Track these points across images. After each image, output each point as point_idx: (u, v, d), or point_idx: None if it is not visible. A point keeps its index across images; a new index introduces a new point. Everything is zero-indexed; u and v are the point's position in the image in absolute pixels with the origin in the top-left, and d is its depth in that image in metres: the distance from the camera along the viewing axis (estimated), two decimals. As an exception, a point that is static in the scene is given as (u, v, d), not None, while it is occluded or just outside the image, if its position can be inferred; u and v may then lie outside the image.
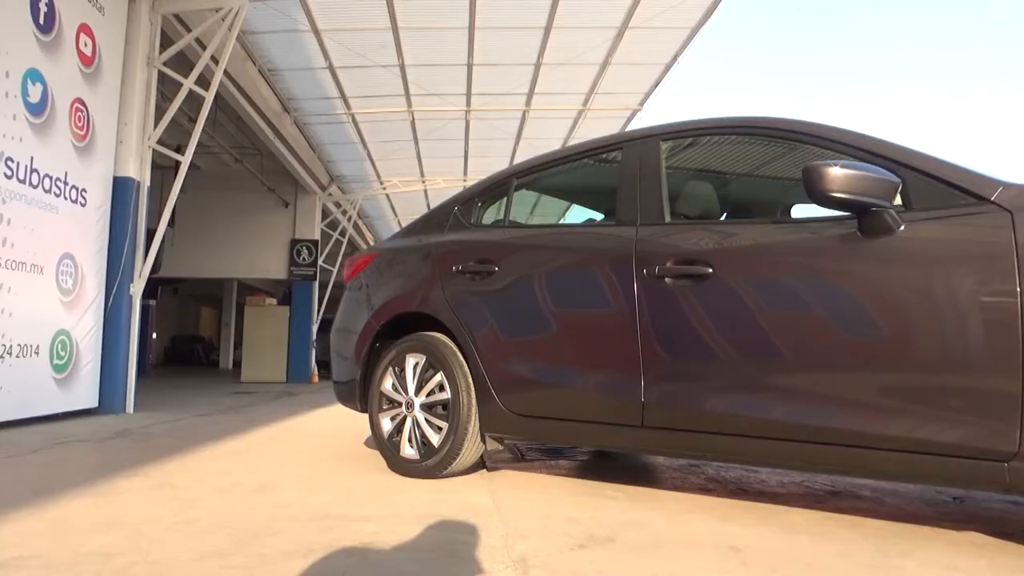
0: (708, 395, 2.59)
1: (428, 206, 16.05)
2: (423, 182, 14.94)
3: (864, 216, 2.33)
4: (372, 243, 20.44)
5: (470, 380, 3.22)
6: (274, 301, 15.64)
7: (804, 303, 2.43)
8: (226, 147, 12.72)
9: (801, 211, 3.41)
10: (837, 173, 2.25)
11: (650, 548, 2.18)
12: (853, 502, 2.94)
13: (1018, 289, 2.04)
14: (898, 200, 2.34)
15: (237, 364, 18.18)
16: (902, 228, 2.28)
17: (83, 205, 6.06)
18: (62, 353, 5.76)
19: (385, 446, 3.45)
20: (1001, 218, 2.12)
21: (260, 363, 13.96)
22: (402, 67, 9.58)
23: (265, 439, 4.85)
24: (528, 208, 4.26)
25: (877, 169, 2.30)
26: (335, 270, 15.55)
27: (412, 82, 10.08)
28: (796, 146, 2.81)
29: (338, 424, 5.86)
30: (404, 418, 3.38)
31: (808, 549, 2.20)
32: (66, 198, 5.81)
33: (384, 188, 15.38)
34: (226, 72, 8.25)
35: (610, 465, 3.87)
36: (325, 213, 15.68)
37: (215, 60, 7.38)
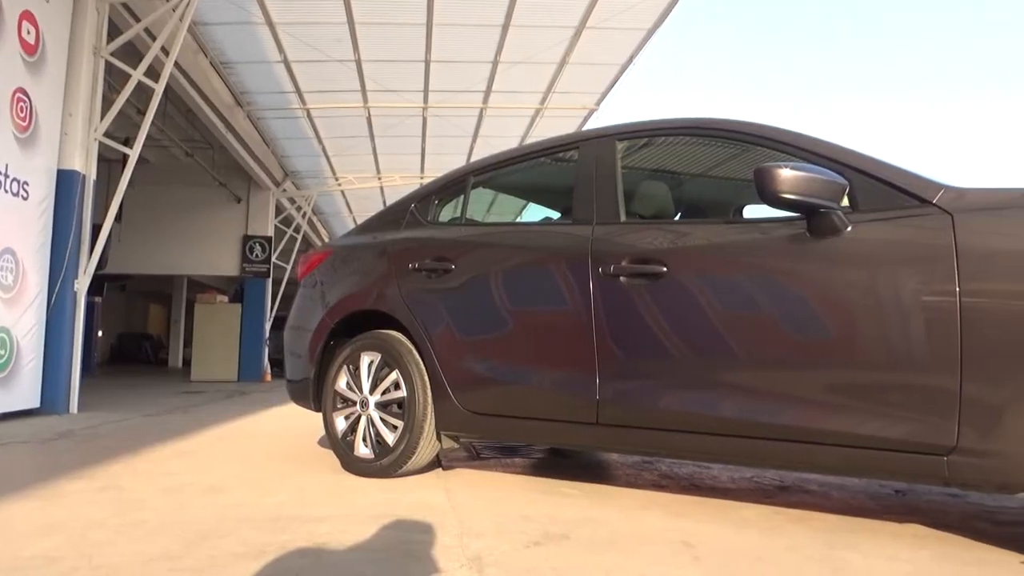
0: (662, 393, 2.63)
1: (384, 203, 15.89)
2: (379, 179, 14.81)
3: (813, 217, 2.39)
4: (327, 240, 20.21)
5: (426, 378, 3.20)
6: (225, 298, 15.30)
7: (755, 302, 2.48)
8: (176, 140, 12.41)
9: (753, 211, 3.47)
10: (787, 175, 2.29)
11: (604, 545, 2.20)
12: (801, 496, 3.01)
13: (957, 289, 2.11)
14: (845, 202, 2.40)
15: (187, 363, 17.76)
16: (849, 229, 2.34)
17: (25, 198, 5.85)
18: (1, 352, 5.55)
19: (339, 445, 3.41)
20: (942, 220, 2.19)
21: (211, 362, 13.66)
22: (358, 62, 9.48)
23: (215, 439, 4.76)
24: (485, 206, 4.26)
25: (825, 171, 2.35)
26: (289, 267, 15.30)
27: (369, 77, 9.99)
28: (748, 148, 2.86)
29: (291, 424, 5.77)
30: (359, 417, 3.35)
31: (758, 543, 2.24)
32: (6, 191, 5.60)
33: (339, 184, 15.20)
34: (177, 64, 8.03)
35: (565, 463, 3.89)
36: (279, 209, 15.42)
37: (165, 51, 7.20)
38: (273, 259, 14.78)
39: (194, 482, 3.14)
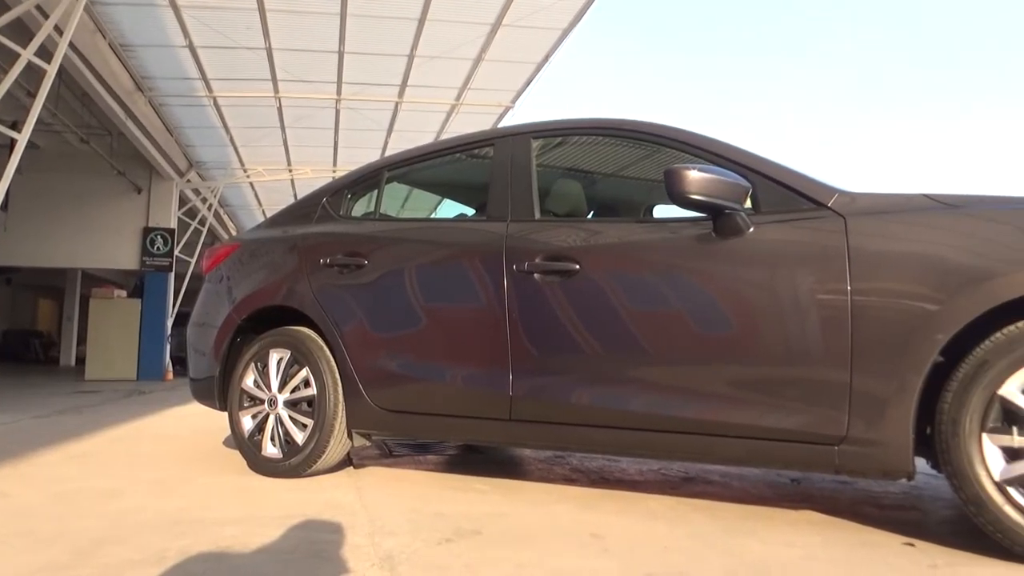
0: (573, 388, 2.67)
1: (295, 196, 15.49)
2: (290, 171, 14.42)
3: (718, 217, 2.48)
4: (234, 233, 19.55)
5: (337, 376, 3.15)
6: (124, 293, 14.56)
7: (663, 300, 2.55)
8: (71, 126, 11.70)
9: (663, 211, 3.57)
10: (695, 176, 2.37)
11: (516, 539, 2.22)
12: (704, 487, 3.12)
13: (849, 288, 2.24)
14: (749, 204, 2.50)
15: (81, 361, 16.81)
16: (751, 230, 2.44)
17: None
18: None
19: (245, 445, 3.31)
20: (836, 223, 2.32)
21: (107, 360, 12.97)
22: (269, 50, 9.20)
23: (112, 441, 4.53)
24: (399, 201, 4.21)
25: (730, 174, 2.45)
26: (193, 261, 14.70)
27: (280, 67, 9.71)
28: (659, 149, 2.94)
29: (194, 424, 5.56)
30: (267, 416, 3.26)
31: (664, 533, 2.31)
32: None
33: (248, 176, 14.71)
34: (72, 44, 7.57)
35: (478, 459, 3.91)
36: (183, 200, 14.78)
37: (59, 31, 6.78)
38: (176, 253, 14.16)
39: (88, 487, 2.99)
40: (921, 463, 2.27)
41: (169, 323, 14.14)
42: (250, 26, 8.55)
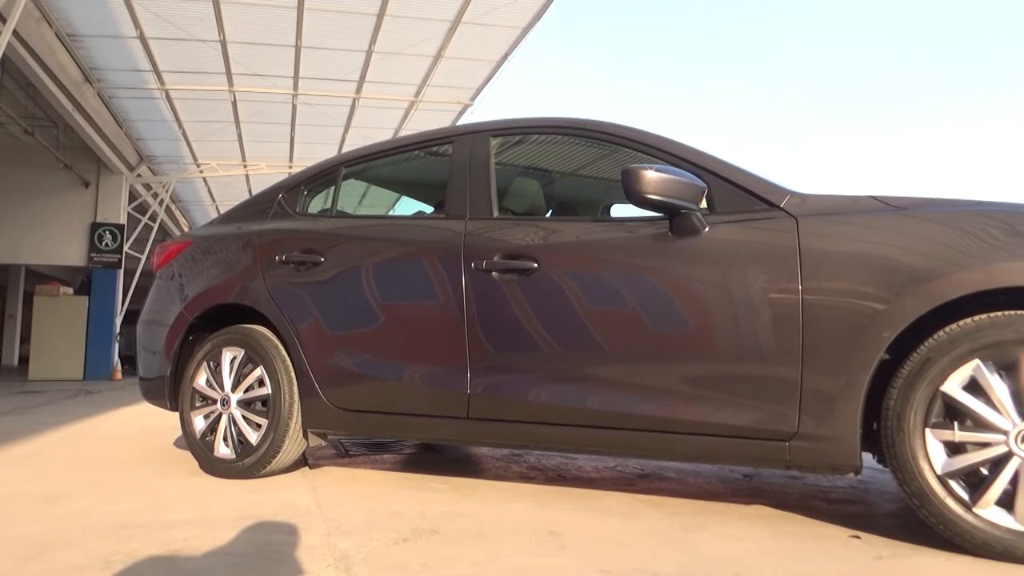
0: (531, 386, 2.68)
1: (250, 192, 15.22)
2: (245, 167, 14.16)
3: (675, 217, 2.51)
4: (187, 229, 19.14)
5: (292, 374, 3.10)
6: (70, 290, 14.15)
7: (620, 298, 2.57)
8: (15, 117, 11.30)
9: (620, 210, 3.61)
10: (652, 176, 2.40)
11: (473, 537, 2.22)
12: (659, 483, 3.17)
13: (800, 287, 2.29)
14: (705, 204, 2.54)
15: (25, 360, 16.26)
16: (707, 229, 2.48)
17: None
18: None
19: (197, 446, 3.24)
20: (788, 223, 2.37)
21: (52, 359, 12.58)
22: (223, 43, 9.02)
23: (57, 443, 4.39)
24: (357, 198, 4.17)
25: (687, 174, 2.48)
26: (143, 257, 14.33)
27: (234, 60, 9.53)
28: (617, 149, 2.96)
29: (144, 424, 5.43)
30: (219, 416, 3.20)
31: (620, 529, 2.34)
32: None
33: (201, 171, 14.41)
34: (16, 33, 7.31)
35: (436, 458, 3.89)
36: (133, 195, 14.40)
37: (2, 19, 6.55)
38: (125, 249, 13.79)
39: (31, 490, 2.89)
40: (868, 458, 2.33)
41: (118, 321, 13.78)
42: (203, 18, 8.37)
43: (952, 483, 2.06)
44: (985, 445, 2.03)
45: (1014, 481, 1.99)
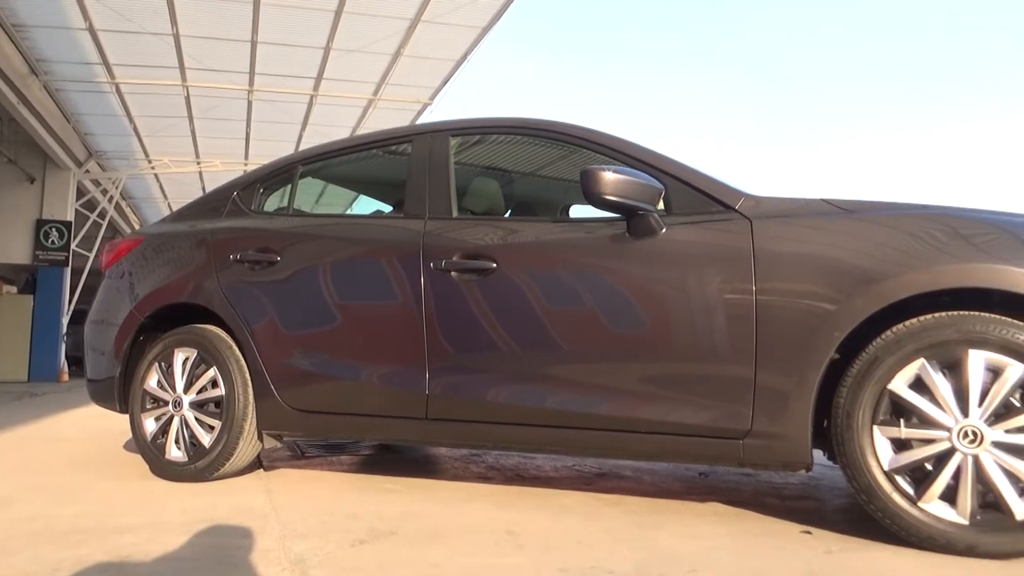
0: (490, 385, 2.68)
1: (204, 189, 14.93)
2: (198, 163, 13.89)
3: (632, 218, 2.53)
4: (138, 227, 18.68)
5: (247, 375, 3.05)
6: (14, 289, 13.72)
7: (578, 298, 2.59)
8: (-46, 109, 10.92)
9: (578, 211, 3.63)
10: (610, 177, 2.42)
11: (430, 538, 2.21)
12: (617, 482, 3.19)
13: (754, 288, 2.33)
14: (662, 205, 2.57)
15: (-35, 361, 15.72)
16: (664, 231, 2.51)
17: None
18: None
19: (148, 449, 3.17)
20: (743, 225, 2.41)
21: (-5, 360, 12.19)
22: (176, 37, 8.83)
23: (2, 446, 4.25)
24: (314, 197, 4.12)
25: (644, 176, 2.50)
26: (92, 256, 13.95)
27: (188, 54, 9.34)
28: (575, 150, 2.98)
29: (92, 426, 5.28)
30: (171, 418, 3.13)
31: (578, 528, 2.35)
32: None
33: (153, 167, 14.09)
34: (-45, 22, 7.08)
35: (393, 458, 3.87)
36: (81, 192, 14.00)
37: (-60, 6, 6.31)
38: (73, 246, 13.40)
39: (-29, 495, 2.79)
40: (818, 455, 2.39)
41: (65, 321, 13.39)
42: (157, 11, 8.19)
43: (898, 479, 2.12)
44: (930, 441, 2.10)
45: (956, 476, 2.05)
